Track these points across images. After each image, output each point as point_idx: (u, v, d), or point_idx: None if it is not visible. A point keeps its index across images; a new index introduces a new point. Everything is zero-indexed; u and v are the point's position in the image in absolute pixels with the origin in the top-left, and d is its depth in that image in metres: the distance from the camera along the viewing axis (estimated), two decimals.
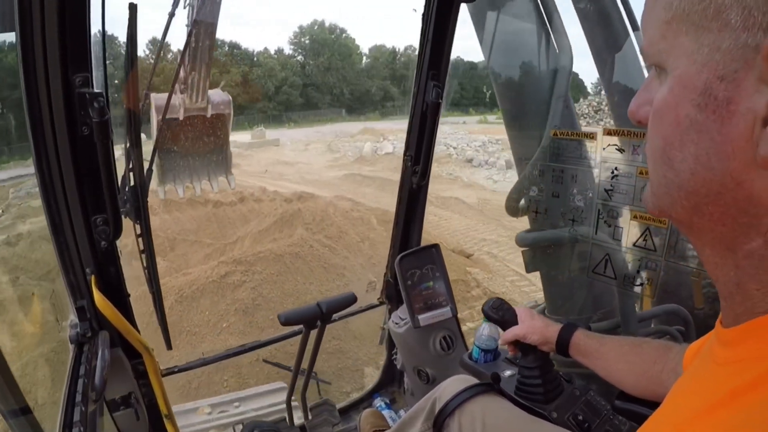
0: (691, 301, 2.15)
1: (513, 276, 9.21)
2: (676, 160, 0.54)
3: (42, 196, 1.42)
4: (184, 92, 12.06)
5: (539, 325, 1.52)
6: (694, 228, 0.58)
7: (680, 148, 0.53)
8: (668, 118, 0.54)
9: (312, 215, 10.40)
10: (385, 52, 67.54)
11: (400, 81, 63.94)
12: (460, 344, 2.41)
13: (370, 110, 59.79)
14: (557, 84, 2.33)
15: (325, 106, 57.93)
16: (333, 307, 2.04)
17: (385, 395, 2.86)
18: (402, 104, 61.14)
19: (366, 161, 24.14)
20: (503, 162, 21.16)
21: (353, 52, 64.17)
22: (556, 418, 1.47)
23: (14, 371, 1.43)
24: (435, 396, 1.59)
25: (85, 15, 1.27)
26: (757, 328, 0.53)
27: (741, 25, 0.46)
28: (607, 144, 2.01)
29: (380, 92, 63.35)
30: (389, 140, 28.61)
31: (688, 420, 0.54)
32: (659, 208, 0.61)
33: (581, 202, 2.18)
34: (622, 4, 2.14)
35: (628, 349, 1.33)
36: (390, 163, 22.82)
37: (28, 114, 1.30)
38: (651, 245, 1.93)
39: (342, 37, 63.15)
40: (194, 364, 2.29)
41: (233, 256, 8.55)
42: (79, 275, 1.55)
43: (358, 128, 36.45)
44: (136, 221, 1.75)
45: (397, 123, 41.44)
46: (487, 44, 2.47)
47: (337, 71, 60.32)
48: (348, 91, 60.87)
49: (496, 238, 11.57)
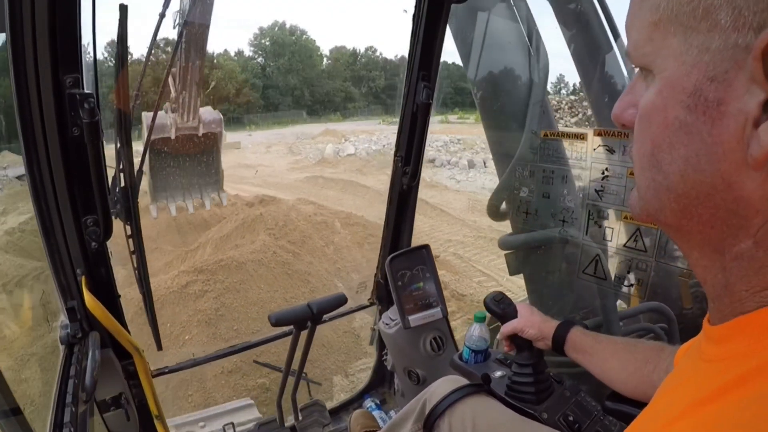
0: (681, 301, 2.17)
1: (480, 277, 9.17)
2: (664, 163, 0.54)
3: (32, 197, 1.41)
4: (176, 111, 12.01)
5: (537, 320, 1.53)
6: (682, 231, 0.58)
7: (669, 150, 0.53)
8: (656, 120, 0.53)
9: (274, 220, 10.33)
10: (346, 53, 68.00)
11: (361, 82, 64.44)
12: (451, 345, 2.41)
13: (331, 112, 60.04)
14: (535, 88, 2.35)
15: (285, 108, 57.92)
16: (323, 308, 2.04)
17: (376, 396, 2.86)
18: (363, 105, 61.80)
19: (328, 163, 24.11)
20: (465, 162, 21.25)
21: (314, 53, 64.43)
22: (546, 419, 1.48)
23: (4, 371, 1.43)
24: (425, 397, 1.59)
25: (75, 16, 1.26)
26: (745, 326, 0.53)
27: (731, 25, 0.45)
28: (597, 145, 2.02)
29: (341, 93, 63.68)
30: (351, 142, 28.84)
31: (676, 417, 0.54)
32: (647, 212, 0.60)
33: (571, 203, 2.19)
34: (600, 6, 2.15)
35: (621, 348, 1.34)
36: (352, 165, 22.90)
37: (19, 115, 1.29)
38: (641, 246, 1.94)
39: (302, 38, 63.39)
40: (185, 365, 2.29)
41: (194, 264, 8.34)
42: (69, 276, 1.55)
43: (320, 130, 36.52)
44: (126, 222, 1.75)
45: (358, 124, 41.51)
46: (467, 50, 2.48)
47: (297, 73, 60.42)
48: (309, 92, 60.98)
49: (461, 238, 11.56)
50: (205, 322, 6.89)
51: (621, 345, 1.36)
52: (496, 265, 9.75)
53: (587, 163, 2.07)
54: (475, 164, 21.29)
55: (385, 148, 26.62)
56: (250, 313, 7.13)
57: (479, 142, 25.60)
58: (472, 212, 14.11)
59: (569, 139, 2.17)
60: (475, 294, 8.10)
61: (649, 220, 0.62)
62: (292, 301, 7.44)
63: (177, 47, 11.06)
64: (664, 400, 0.64)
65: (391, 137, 28.51)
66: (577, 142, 2.12)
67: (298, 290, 7.82)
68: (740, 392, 0.47)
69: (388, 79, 66.90)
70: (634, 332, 2.29)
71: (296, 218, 10.77)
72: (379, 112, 60.32)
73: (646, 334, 2.28)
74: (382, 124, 44.86)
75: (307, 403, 2.56)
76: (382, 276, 2.54)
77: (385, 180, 11.17)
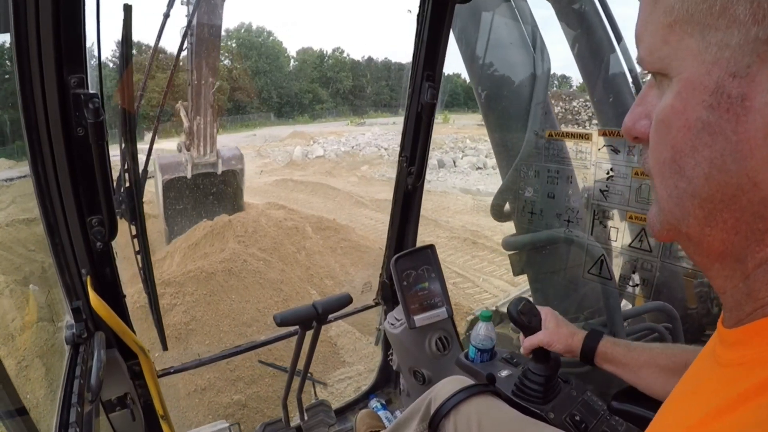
0: (686, 301, 2.16)
1: (455, 278, 9.10)
2: (688, 167, 0.52)
3: (37, 197, 1.42)
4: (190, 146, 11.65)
5: (564, 333, 1.48)
6: (704, 243, 0.55)
7: (692, 153, 0.51)
8: (677, 124, 0.52)
9: (244, 227, 10.10)
10: (313, 54, 68.08)
11: (329, 83, 64.47)
12: (456, 345, 2.41)
13: (299, 113, 60.22)
14: (536, 89, 2.35)
15: (253, 110, 57.85)
16: (329, 308, 2.04)
17: (381, 396, 2.86)
18: (331, 106, 62.21)
19: (297, 165, 24.11)
20: (435, 161, 21.28)
21: (281, 54, 64.38)
22: (552, 419, 1.47)
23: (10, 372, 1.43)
24: (430, 397, 1.59)
25: (80, 16, 1.27)
26: (762, 329, 0.52)
27: (750, 18, 0.44)
28: (602, 145, 2.02)
29: (309, 95, 63.71)
30: (319, 143, 28.87)
31: (694, 425, 0.53)
32: (668, 223, 0.58)
33: (576, 203, 2.19)
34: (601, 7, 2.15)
35: (658, 353, 1.31)
36: (321, 167, 22.88)
37: (23, 115, 1.29)
38: (647, 246, 1.94)
39: (269, 40, 63.42)
40: (190, 365, 2.29)
41: (162, 276, 8.17)
42: (74, 276, 1.55)
43: (288, 132, 36.44)
44: (131, 222, 1.75)
45: (326, 126, 41.53)
46: (470, 51, 2.48)
47: (265, 75, 60.43)
48: (276, 94, 60.98)
49: (434, 239, 11.37)
50: (175, 338, 6.70)
51: (657, 351, 1.33)
52: (471, 266, 9.75)
53: (592, 163, 2.07)
54: (445, 164, 21.41)
55: (354, 150, 26.70)
56: (221, 326, 6.97)
57: (448, 142, 25.63)
58: (445, 212, 14.14)
59: (574, 139, 2.16)
60: (452, 296, 7.93)
61: (669, 234, 0.60)
62: (265, 311, 7.29)
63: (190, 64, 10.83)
64: (681, 406, 0.63)
65: (359, 138, 28.70)
66: (582, 142, 2.12)
67: (270, 300, 7.66)
68: (760, 400, 0.46)
69: (356, 80, 67.28)
70: (639, 332, 2.29)
71: (266, 224, 10.64)
72: (347, 113, 60.70)
73: (651, 334, 2.27)
74: (351, 125, 45.18)
75: (313, 403, 2.56)
76: (387, 276, 2.54)
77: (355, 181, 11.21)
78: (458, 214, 13.96)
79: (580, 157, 2.14)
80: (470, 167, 20.74)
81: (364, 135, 30.74)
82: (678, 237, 0.59)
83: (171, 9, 3.27)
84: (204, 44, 10.56)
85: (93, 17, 1.33)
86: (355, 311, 2.70)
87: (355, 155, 25.52)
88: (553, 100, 19.14)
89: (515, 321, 1.52)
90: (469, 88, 4.49)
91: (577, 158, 2.16)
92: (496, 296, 7.59)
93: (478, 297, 8.01)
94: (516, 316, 1.50)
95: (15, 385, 1.32)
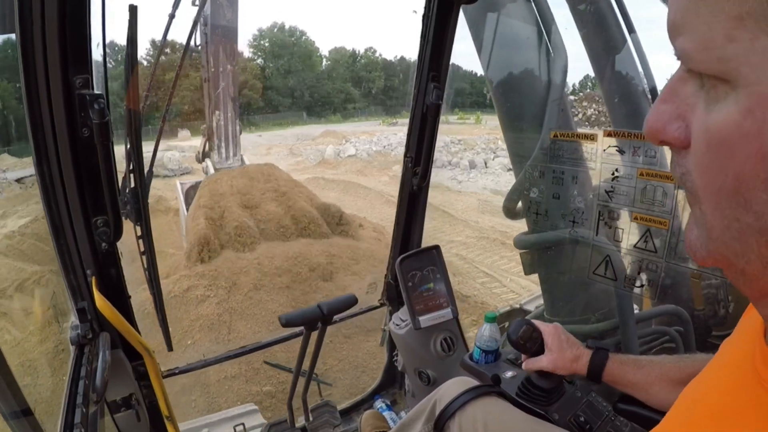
0: (692, 303, 2.15)
1: (483, 278, 9.16)
2: (758, 202, 0.41)
3: (42, 198, 1.42)
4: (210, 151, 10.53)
5: (568, 357, 1.47)
6: (761, 281, 0.47)
7: (765, 188, 0.40)
8: (745, 150, 0.41)
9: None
10: (345, 54, 67.98)
11: (361, 83, 64.53)
12: (461, 345, 2.41)
13: (331, 113, 60.19)
14: (553, 86, 2.32)
15: (285, 109, 58.05)
16: (334, 309, 2.04)
17: (386, 397, 2.86)
18: (363, 106, 62.21)
19: (328, 164, 24.25)
20: (466, 162, 21.33)
21: (313, 54, 64.45)
22: (557, 420, 1.47)
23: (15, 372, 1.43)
24: (435, 398, 1.58)
25: (85, 16, 1.27)
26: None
27: None
28: (607, 145, 2.01)
29: (341, 95, 63.69)
30: (351, 143, 28.99)
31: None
32: (720, 255, 0.49)
33: (581, 203, 2.18)
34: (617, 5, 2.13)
35: (669, 367, 1.30)
36: (353, 166, 23.09)
37: (29, 115, 1.30)
38: (652, 247, 1.93)
39: (302, 39, 63.48)
40: (195, 366, 2.29)
41: (197, 269, 8.27)
42: (79, 277, 1.55)
43: (320, 131, 36.72)
44: (136, 223, 1.75)
45: (358, 125, 41.56)
46: (484, 48, 2.47)
47: (297, 74, 60.46)
48: (308, 93, 61.05)
49: (464, 239, 11.57)
50: (207, 327, 6.81)
51: (669, 365, 1.30)
52: (499, 266, 9.75)
53: (597, 164, 2.06)
54: (476, 165, 21.39)
55: (386, 149, 26.77)
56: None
57: (480, 143, 25.60)
58: (475, 213, 14.14)
59: (579, 140, 2.15)
60: (479, 295, 8.09)
61: (717, 264, 0.50)
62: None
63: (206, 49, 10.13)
64: (716, 418, 0.58)
65: (391, 138, 28.62)
66: (587, 143, 2.11)
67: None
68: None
69: (388, 80, 66.95)
70: (649, 335, 2.27)
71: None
72: (379, 113, 60.56)
73: (661, 338, 2.26)
74: (383, 125, 45.08)
75: (318, 404, 2.56)
76: (392, 277, 2.54)
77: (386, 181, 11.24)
78: (487, 215, 13.96)
79: (586, 158, 2.13)
80: (501, 168, 20.67)
81: (396, 135, 30.66)
82: (728, 269, 0.50)
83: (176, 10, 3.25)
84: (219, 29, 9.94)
85: (98, 17, 1.34)
86: (361, 312, 2.70)
87: (387, 155, 25.64)
88: (586, 101, 19.11)
89: (515, 345, 1.51)
90: None
91: (582, 158, 2.15)
92: (520, 295, 7.59)
93: (504, 297, 8.04)
94: (515, 340, 1.50)
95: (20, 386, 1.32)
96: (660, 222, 1.85)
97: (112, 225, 1.51)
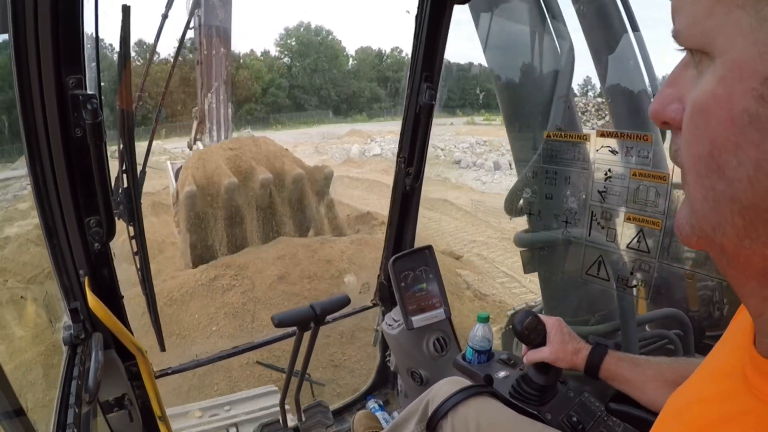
0: (685, 303, 2.16)
1: (503, 278, 9.19)
2: (729, 167, 0.43)
3: (35, 198, 1.41)
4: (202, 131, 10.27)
5: (569, 350, 1.46)
6: (740, 256, 0.48)
7: (735, 151, 0.43)
8: (718, 114, 0.43)
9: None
10: (371, 54, 67.50)
11: (387, 82, 63.91)
12: (454, 346, 2.41)
13: (357, 112, 59.83)
14: (559, 84, 2.31)
15: (311, 107, 57.76)
16: (326, 309, 2.03)
17: (379, 397, 2.86)
18: (389, 106, 61.28)
19: (354, 163, 24.19)
20: (491, 163, 21.32)
21: (339, 53, 64.03)
22: (550, 420, 1.47)
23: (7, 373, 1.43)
24: (428, 398, 1.59)
25: (78, 16, 1.27)
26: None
27: None
28: (600, 146, 2.01)
29: (367, 94, 63.21)
30: (377, 142, 28.84)
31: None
32: (700, 229, 0.50)
33: (575, 203, 2.18)
34: (621, 3, 2.13)
35: (665, 367, 1.30)
36: (378, 165, 22.98)
37: (21, 116, 1.29)
38: (644, 247, 1.93)
39: (328, 38, 63.02)
40: (188, 366, 2.29)
41: (224, 260, 8.29)
42: (72, 277, 1.55)
43: (345, 130, 36.56)
44: (129, 223, 1.75)
45: (384, 125, 41.44)
46: (489, 46, 2.46)
47: (323, 73, 60.09)
48: (335, 92, 60.71)
49: (485, 239, 11.61)
50: (232, 315, 6.92)
51: (664, 365, 1.31)
52: (519, 266, 9.76)
53: (590, 164, 2.07)
54: (501, 166, 21.36)
55: None
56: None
57: (505, 144, 25.74)
58: (497, 214, 14.18)
59: (573, 140, 2.16)
60: (497, 294, 8.13)
61: (700, 242, 0.52)
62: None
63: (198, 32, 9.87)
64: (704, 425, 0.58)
65: None
66: (581, 144, 2.12)
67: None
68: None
69: None
70: (649, 338, 2.28)
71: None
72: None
73: (661, 341, 2.26)
74: None
75: (311, 404, 2.56)
76: (385, 277, 2.54)
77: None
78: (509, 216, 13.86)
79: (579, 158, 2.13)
80: None
81: None
82: (710, 247, 0.51)
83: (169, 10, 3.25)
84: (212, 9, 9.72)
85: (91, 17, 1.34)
86: (354, 312, 2.70)
87: None
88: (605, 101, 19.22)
89: (519, 336, 1.51)
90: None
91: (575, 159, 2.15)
92: (539, 295, 7.68)
93: (523, 297, 8.01)
94: (520, 330, 1.49)
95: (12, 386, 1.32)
96: (653, 222, 1.86)
97: (105, 225, 1.51)
